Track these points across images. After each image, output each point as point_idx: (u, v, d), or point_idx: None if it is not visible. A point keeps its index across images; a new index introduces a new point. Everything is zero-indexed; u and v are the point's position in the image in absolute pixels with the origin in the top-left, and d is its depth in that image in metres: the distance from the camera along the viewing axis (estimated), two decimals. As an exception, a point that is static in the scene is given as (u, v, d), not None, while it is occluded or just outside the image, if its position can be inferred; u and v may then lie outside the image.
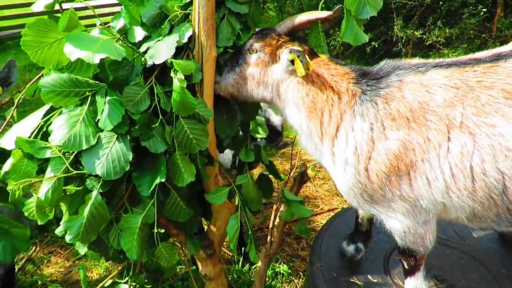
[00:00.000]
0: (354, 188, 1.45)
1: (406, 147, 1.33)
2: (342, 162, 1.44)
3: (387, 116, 1.37)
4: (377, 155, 1.37)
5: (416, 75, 1.40)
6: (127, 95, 1.33)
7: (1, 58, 9.61)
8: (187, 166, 1.47)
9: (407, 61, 1.51)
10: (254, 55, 1.53)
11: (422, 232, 1.45)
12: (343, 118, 1.42)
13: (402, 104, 1.36)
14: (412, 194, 1.37)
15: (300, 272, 2.80)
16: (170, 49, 1.35)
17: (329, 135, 1.46)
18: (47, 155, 1.30)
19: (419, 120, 1.33)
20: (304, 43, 1.55)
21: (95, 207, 1.33)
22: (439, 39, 5.43)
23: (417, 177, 1.34)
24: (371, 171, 1.39)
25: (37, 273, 2.96)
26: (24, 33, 1.16)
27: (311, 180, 3.89)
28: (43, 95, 1.31)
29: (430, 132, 1.31)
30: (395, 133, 1.35)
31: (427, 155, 1.32)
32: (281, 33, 1.53)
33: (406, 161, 1.34)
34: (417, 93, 1.36)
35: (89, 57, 1.11)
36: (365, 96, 1.41)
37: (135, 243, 1.42)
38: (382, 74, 1.46)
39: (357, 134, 1.39)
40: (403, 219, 1.43)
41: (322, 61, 1.52)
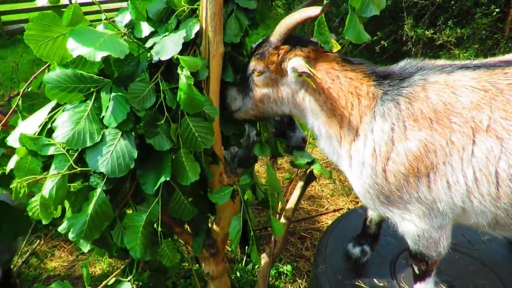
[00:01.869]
0: (370, 190, 1.42)
1: (427, 148, 1.30)
2: (360, 164, 1.41)
3: (409, 116, 1.33)
4: (396, 156, 1.33)
5: (441, 75, 1.36)
6: (133, 91, 1.30)
7: (11, 51, 9.68)
8: (191, 164, 1.44)
9: (431, 61, 1.47)
10: (261, 76, 1.50)
11: (437, 237, 1.42)
12: (362, 120, 1.39)
13: (425, 105, 1.32)
14: (430, 196, 1.34)
15: (304, 272, 2.78)
16: (177, 45, 1.33)
17: (348, 138, 1.43)
18: (50, 152, 1.28)
19: (442, 122, 1.29)
20: (305, 44, 1.47)
21: (99, 205, 1.31)
22: (450, 39, 5.34)
23: (437, 180, 1.31)
24: (389, 172, 1.36)
25: (40, 267, 2.97)
26: (27, 27, 1.14)
27: (317, 179, 3.85)
28: (47, 91, 1.29)
29: (454, 135, 1.28)
30: (416, 133, 1.31)
31: (449, 158, 1.28)
32: (277, 44, 1.46)
33: (427, 163, 1.31)
34: (442, 93, 1.32)
35: (91, 55, 1.09)
36: (387, 96, 1.37)
37: (139, 241, 1.40)
38: (406, 74, 1.41)
39: (376, 135, 1.36)
40: (419, 222, 1.40)
41: (335, 60, 1.46)
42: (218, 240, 1.91)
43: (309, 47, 1.45)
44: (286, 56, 1.45)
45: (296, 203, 2.43)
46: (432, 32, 5.49)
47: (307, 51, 1.44)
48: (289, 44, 1.45)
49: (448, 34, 5.33)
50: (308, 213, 3.49)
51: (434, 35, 5.49)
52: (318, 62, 1.46)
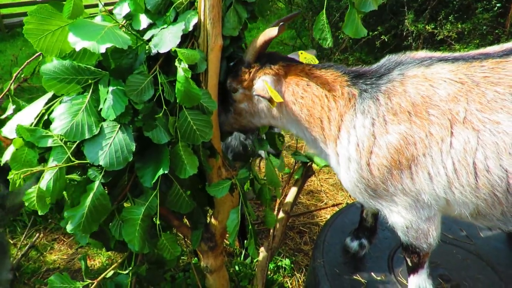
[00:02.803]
0: (358, 184, 1.45)
1: (407, 141, 1.32)
2: (346, 160, 1.45)
3: (388, 111, 1.36)
4: (378, 149, 1.36)
5: (420, 69, 1.38)
6: (131, 84, 1.30)
7: (10, 44, 9.64)
8: (189, 157, 1.44)
9: (412, 54, 1.49)
10: (237, 93, 1.60)
11: (425, 228, 1.43)
12: (343, 119, 1.44)
13: (404, 99, 1.34)
14: (413, 188, 1.36)
15: (303, 266, 2.79)
16: (175, 37, 1.32)
17: (332, 137, 1.48)
18: (48, 144, 1.28)
19: (421, 115, 1.31)
20: (276, 60, 1.53)
21: (97, 198, 1.31)
22: (450, 34, 5.31)
23: (419, 171, 1.33)
24: (372, 165, 1.38)
25: (40, 260, 2.98)
26: (26, 20, 1.13)
27: (316, 174, 3.86)
28: (44, 82, 1.29)
29: (433, 127, 1.30)
30: (396, 127, 1.34)
31: (429, 150, 1.31)
32: (250, 62, 1.54)
33: (407, 155, 1.33)
34: (420, 87, 1.34)
35: (95, 47, 1.08)
36: (366, 94, 1.41)
37: (137, 234, 1.40)
38: (383, 71, 1.45)
39: (359, 131, 1.40)
40: (406, 213, 1.42)
41: (304, 70, 1.52)
42: (217, 233, 1.91)
43: (279, 64, 1.52)
44: (256, 74, 1.53)
45: (294, 197, 2.44)
46: (432, 27, 5.46)
47: (277, 68, 1.52)
48: (260, 62, 1.53)
49: (449, 29, 5.31)
50: (307, 208, 3.49)
51: (434, 30, 5.46)
52: (288, 76, 1.53)
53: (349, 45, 6.43)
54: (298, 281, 2.65)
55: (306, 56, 1.59)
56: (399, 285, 1.75)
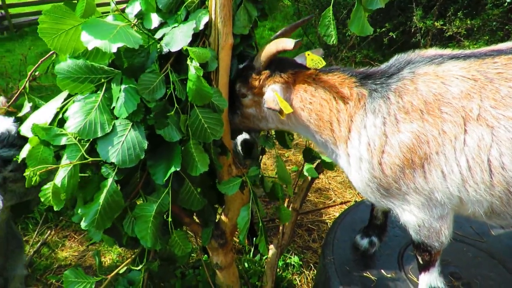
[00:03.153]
0: (370, 184, 1.44)
1: (420, 139, 1.31)
2: (357, 160, 1.44)
3: (400, 109, 1.35)
4: (390, 149, 1.36)
5: (431, 66, 1.37)
6: (143, 82, 1.31)
7: (18, 44, 9.75)
8: (201, 155, 1.45)
9: (421, 53, 1.48)
10: (245, 98, 1.61)
11: (437, 226, 1.43)
12: (353, 119, 1.44)
13: (415, 97, 1.34)
14: (426, 186, 1.35)
15: (311, 264, 2.79)
16: (186, 36, 1.33)
17: (342, 138, 1.47)
18: (62, 142, 1.30)
19: (433, 112, 1.31)
20: (285, 68, 1.54)
21: (110, 195, 1.33)
22: (459, 30, 5.26)
23: (432, 170, 1.33)
24: (384, 164, 1.38)
25: (52, 257, 3.03)
26: (41, 20, 1.14)
27: (324, 172, 3.85)
28: (58, 81, 1.31)
29: (446, 124, 1.29)
30: (408, 125, 1.33)
31: (442, 148, 1.30)
32: (260, 68, 1.54)
33: (420, 154, 1.32)
34: (432, 84, 1.33)
35: (106, 46, 1.10)
36: (376, 94, 1.41)
37: (149, 231, 1.42)
38: (393, 70, 1.44)
39: (370, 130, 1.39)
40: (418, 212, 1.41)
41: (311, 76, 1.52)
42: (227, 230, 1.92)
43: (288, 72, 1.53)
44: (265, 82, 1.54)
45: (303, 195, 2.44)
46: (441, 23, 5.41)
47: (286, 76, 1.53)
48: (270, 69, 1.54)
49: (458, 25, 5.25)
50: (315, 206, 3.50)
51: (443, 26, 5.41)
52: (296, 83, 1.54)
53: (356, 42, 6.39)
54: (307, 279, 2.66)
55: (313, 58, 1.59)
56: (409, 283, 1.75)
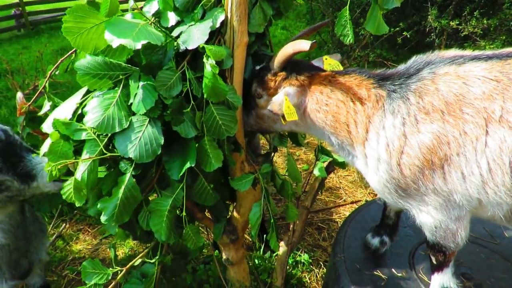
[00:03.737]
0: (388, 184, 1.44)
1: (440, 140, 1.30)
2: (375, 161, 1.44)
3: (420, 110, 1.34)
4: (410, 149, 1.35)
5: (451, 67, 1.36)
6: (160, 79, 1.34)
7: (35, 41, 9.94)
8: (215, 151, 1.48)
9: (441, 53, 1.46)
10: (261, 99, 1.61)
11: (454, 228, 1.42)
12: (371, 120, 1.43)
13: (436, 97, 1.33)
14: (445, 188, 1.34)
15: (321, 262, 2.80)
16: (203, 34, 1.36)
17: (360, 139, 1.47)
18: (82, 137, 1.34)
19: (455, 113, 1.29)
20: (301, 70, 1.54)
21: (128, 189, 1.36)
22: (476, 30, 5.17)
23: (452, 171, 1.32)
24: (403, 165, 1.37)
25: (66, 249, 3.10)
26: (65, 19, 1.18)
27: (335, 171, 3.85)
28: (78, 77, 1.35)
29: (467, 125, 1.28)
30: (428, 126, 1.32)
31: (463, 149, 1.29)
32: (276, 70, 1.54)
33: (440, 155, 1.31)
34: (453, 85, 1.32)
35: (131, 44, 1.13)
36: (395, 94, 1.40)
37: (164, 225, 1.45)
38: (412, 71, 1.43)
39: (388, 131, 1.38)
40: (435, 213, 1.41)
41: (327, 78, 1.52)
42: (238, 226, 1.95)
43: (304, 74, 1.53)
44: (281, 84, 1.55)
45: (314, 193, 2.45)
46: (457, 23, 5.33)
47: (302, 79, 1.52)
48: (286, 70, 1.54)
49: (474, 25, 5.17)
50: (326, 204, 3.50)
51: (459, 26, 5.33)
52: (312, 86, 1.53)
53: (370, 42, 6.34)
54: (316, 276, 2.67)
55: (331, 62, 1.60)
56: (420, 282, 1.74)
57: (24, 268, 1.87)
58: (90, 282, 1.42)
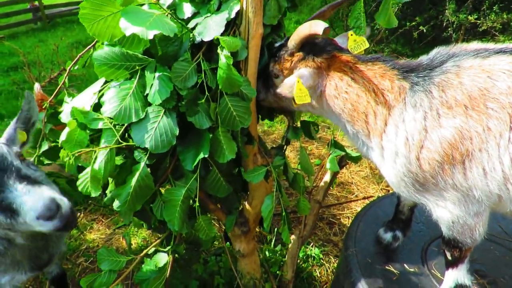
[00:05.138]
0: (405, 178, 1.42)
1: (462, 135, 1.28)
2: (392, 154, 1.41)
3: (443, 104, 1.31)
4: (430, 144, 1.33)
5: (476, 60, 1.32)
6: (176, 70, 1.35)
7: (51, 34, 10.09)
8: (228, 143, 1.49)
9: (463, 46, 1.43)
10: (278, 79, 1.58)
11: (472, 223, 1.40)
12: (391, 113, 1.40)
13: (459, 91, 1.29)
14: (465, 183, 1.32)
15: (332, 256, 2.80)
16: (219, 26, 1.36)
17: (377, 131, 1.44)
18: (99, 126, 1.36)
19: (478, 108, 1.27)
20: (320, 51, 1.49)
21: (142, 178, 1.39)
22: (495, 24, 5.06)
23: (473, 167, 1.29)
24: (422, 159, 1.35)
25: (80, 238, 3.17)
26: (82, 6, 1.20)
27: (348, 166, 3.83)
28: (96, 67, 1.37)
29: (491, 121, 1.25)
30: (451, 121, 1.29)
31: (485, 145, 1.26)
32: (293, 50, 1.50)
33: (462, 150, 1.29)
34: (477, 79, 1.29)
35: (143, 33, 1.14)
36: (418, 87, 1.37)
37: (177, 215, 1.47)
38: (436, 64, 1.39)
39: (409, 125, 1.36)
40: (453, 208, 1.39)
41: (349, 63, 1.47)
42: (250, 219, 1.96)
43: (322, 57, 1.48)
44: (297, 65, 1.51)
45: (326, 187, 2.45)
46: (475, 17, 5.22)
47: (320, 61, 1.48)
48: (304, 51, 1.50)
49: (493, 19, 5.05)
50: (337, 199, 3.49)
51: (477, 20, 5.22)
52: (331, 69, 1.49)
53: (385, 36, 6.26)
54: (327, 271, 2.67)
55: (356, 39, 1.53)
56: (432, 278, 1.73)
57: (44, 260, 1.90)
58: (106, 268, 1.46)
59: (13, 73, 7.45)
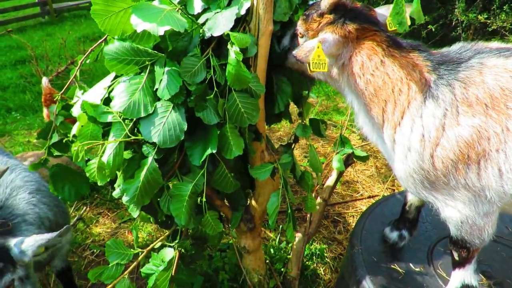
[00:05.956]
0: (414, 175, 1.40)
1: (480, 135, 1.26)
2: (404, 149, 1.38)
3: (463, 101, 1.28)
4: (446, 142, 1.30)
5: (499, 59, 1.30)
6: (185, 65, 1.36)
7: (58, 28, 10.13)
8: (236, 139, 1.49)
9: (486, 44, 1.39)
10: (302, 39, 1.48)
11: (481, 224, 1.39)
12: (410, 105, 1.34)
13: (481, 90, 1.27)
14: (478, 183, 1.31)
15: (336, 255, 2.80)
16: (229, 21, 1.36)
17: (392, 122, 1.39)
18: (108, 119, 1.37)
19: (498, 108, 1.25)
20: (350, 19, 1.36)
21: (150, 172, 1.39)
22: (505, 24, 4.99)
23: (488, 167, 1.28)
24: (436, 158, 1.33)
25: (87, 231, 3.20)
26: (94, 1, 1.21)
27: (354, 164, 3.82)
28: (106, 62, 1.37)
29: (510, 122, 1.23)
30: (469, 120, 1.27)
31: (503, 145, 1.24)
32: (324, 11, 1.38)
33: (478, 150, 1.27)
34: (500, 78, 1.26)
35: (154, 29, 1.14)
36: (442, 81, 1.32)
37: (184, 209, 1.48)
38: (463, 58, 1.34)
39: (426, 121, 1.32)
40: (463, 208, 1.38)
41: (382, 44, 1.36)
42: (256, 215, 1.96)
43: (353, 26, 1.35)
44: (324, 27, 1.38)
45: (332, 185, 2.44)
46: (485, 17, 5.16)
47: (349, 30, 1.35)
48: (336, 14, 1.37)
49: (504, 19, 4.99)
50: (343, 198, 3.49)
51: (487, 20, 5.16)
52: (361, 43, 1.37)
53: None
54: (331, 269, 2.67)
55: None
56: (438, 278, 1.73)
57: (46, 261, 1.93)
58: (113, 261, 1.47)
59: (20, 66, 7.50)
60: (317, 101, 5.33)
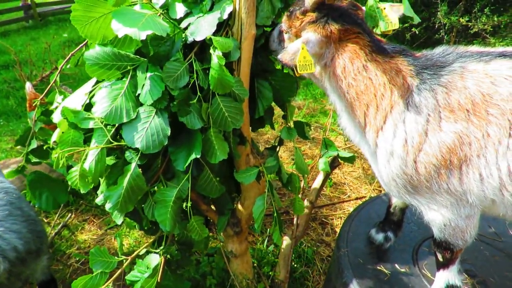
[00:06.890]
0: (397, 179, 1.40)
1: (462, 140, 1.26)
2: (387, 154, 1.38)
3: (445, 107, 1.28)
4: (429, 148, 1.30)
5: (480, 64, 1.30)
6: (168, 70, 1.35)
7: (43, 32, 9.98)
8: (220, 143, 1.49)
9: (466, 48, 1.39)
10: (286, 35, 1.48)
11: (463, 226, 1.40)
12: (393, 110, 1.33)
13: (463, 95, 1.27)
14: (460, 188, 1.32)
15: (324, 257, 2.81)
16: (211, 26, 1.36)
17: (374, 127, 1.38)
18: (90, 125, 1.35)
19: (480, 114, 1.25)
20: (338, 18, 1.32)
21: (133, 179, 1.38)
22: (486, 27, 5.11)
23: (469, 172, 1.29)
24: (419, 163, 1.33)
25: (72, 239, 3.14)
26: (73, 8, 1.19)
27: (340, 166, 3.85)
28: (87, 67, 1.36)
29: (491, 127, 1.24)
30: (451, 125, 1.27)
31: (484, 151, 1.25)
32: (307, 8, 1.35)
33: (460, 155, 1.28)
34: (481, 84, 1.26)
35: (136, 34, 1.13)
36: (424, 85, 1.31)
37: (169, 215, 1.47)
38: (446, 62, 1.34)
39: (409, 126, 1.31)
40: (445, 212, 1.39)
41: (366, 48, 1.34)
42: (242, 219, 1.96)
43: (336, 26, 1.32)
44: (305, 27, 1.35)
45: (319, 188, 2.45)
46: (467, 19, 5.28)
47: (331, 30, 1.31)
48: (319, 12, 1.34)
49: (484, 22, 5.11)
50: (330, 200, 3.50)
51: (469, 23, 5.27)
52: (343, 45, 1.34)
53: (378, 37, 6.29)
54: (319, 271, 2.68)
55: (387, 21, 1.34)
56: (423, 278, 1.74)
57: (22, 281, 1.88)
58: (97, 270, 1.44)
59: (4, 71, 7.36)
60: (304, 104, 5.36)
